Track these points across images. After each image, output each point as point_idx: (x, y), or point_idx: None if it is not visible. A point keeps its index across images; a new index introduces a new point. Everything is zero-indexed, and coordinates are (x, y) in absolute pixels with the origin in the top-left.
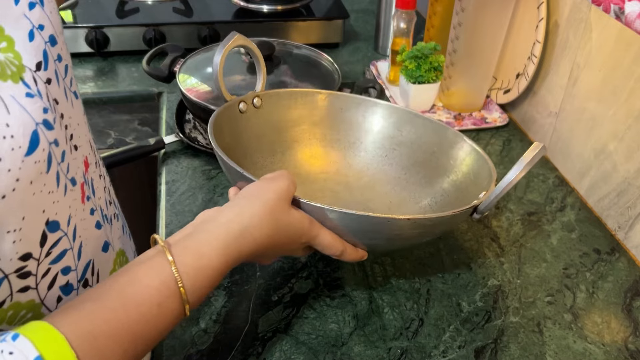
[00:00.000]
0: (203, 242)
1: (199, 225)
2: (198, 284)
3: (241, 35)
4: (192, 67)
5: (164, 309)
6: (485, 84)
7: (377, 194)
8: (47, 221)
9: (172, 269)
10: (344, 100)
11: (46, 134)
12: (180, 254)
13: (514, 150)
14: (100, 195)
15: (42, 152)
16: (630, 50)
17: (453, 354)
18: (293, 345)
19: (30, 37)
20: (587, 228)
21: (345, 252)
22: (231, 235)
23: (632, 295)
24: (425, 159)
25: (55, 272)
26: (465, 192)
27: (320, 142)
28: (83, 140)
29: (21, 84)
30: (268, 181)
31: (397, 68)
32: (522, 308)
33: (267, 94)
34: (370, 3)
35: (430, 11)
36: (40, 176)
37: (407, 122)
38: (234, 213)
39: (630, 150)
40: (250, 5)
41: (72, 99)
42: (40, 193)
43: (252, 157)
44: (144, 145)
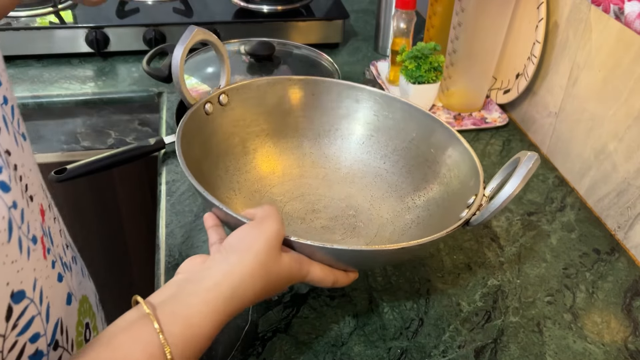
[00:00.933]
0: (192, 308)
1: (185, 285)
2: (187, 354)
3: (201, 29)
4: (192, 67)
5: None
6: (485, 84)
7: (357, 188)
8: (11, 293)
9: (160, 340)
10: (315, 84)
11: (4, 198)
12: (167, 322)
13: (513, 150)
14: (57, 242)
15: (2, 220)
16: (630, 50)
17: (453, 354)
18: (293, 345)
19: None
20: (586, 228)
21: (338, 282)
22: (221, 299)
23: (632, 295)
24: (405, 146)
25: (23, 342)
26: (451, 187)
27: (293, 132)
28: (36, 186)
29: None
30: (257, 227)
31: (397, 68)
32: (522, 308)
33: (234, 89)
34: (370, 3)
35: (430, 11)
36: (2, 247)
37: (383, 106)
38: (222, 273)
39: (630, 150)
40: (250, 5)
41: (22, 142)
42: (3, 265)
43: (224, 163)
44: (144, 145)
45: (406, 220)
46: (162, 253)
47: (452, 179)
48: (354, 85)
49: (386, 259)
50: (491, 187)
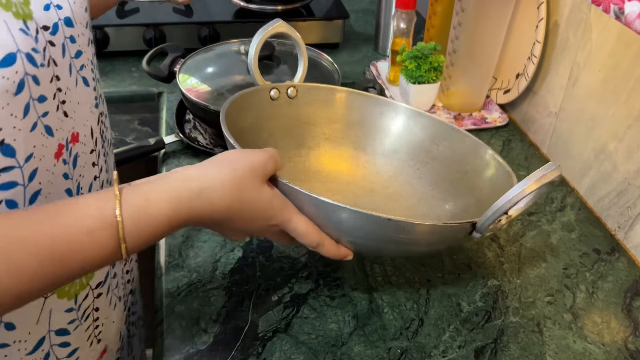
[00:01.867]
0: (156, 189)
1: (161, 174)
2: (140, 225)
3: (284, 22)
4: (192, 67)
5: (95, 239)
6: (485, 84)
7: (399, 207)
8: (1, 141)
9: (115, 203)
10: (385, 105)
11: (25, 64)
12: (129, 192)
13: (513, 150)
14: (84, 174)
15: (15, 74)
16: (630, 50)
17: (453, 354)
18: (293, 345)
19: (45, 7)
20: (587, 228)
21: (323, 245)
22: (186, 191)
23: (632, 295)
24: (457, 177)
25: (0, 199)
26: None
27: (352, 144)
28: (79, 118)
29: (21, 22)
30: (247, 152)
31: (397, 68)
32: (522, 308)
33: (305, 86)
34: (370, 3)
35: (430, 11)
36: (6, 94)
37: (445, 136)
38: (198, 172)
39: (630, 150)
40: (250, 5)
41: (78, 80)
42: (2, 109)
43: (274, 144)
44: (144, 145)
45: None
46: (162, 253)
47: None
48: (421, 112)
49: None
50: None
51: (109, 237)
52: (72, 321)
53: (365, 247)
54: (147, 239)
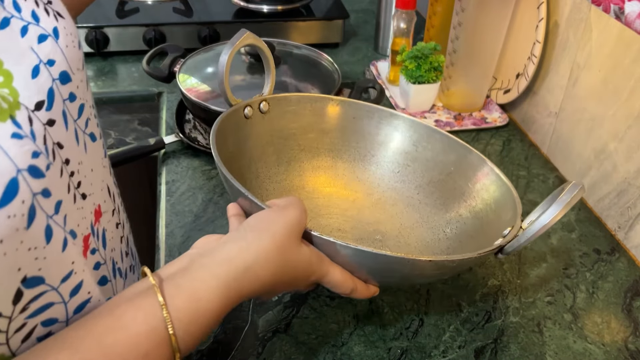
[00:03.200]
0: (200, 282)
1: (197, 259)
2: (192, 330)
3: (251, 34)
4: (192, 67)
5: (152, 359)
6: (485, 84)
7: (387, 215)
8: (23, 278)
9: (162, 313)
10: (357, 108)
11: (30, 184)
12: (173, 295)
13: (514, 150)
14: (114, 247)
15: (21, 205)
16: (630, 50)
17: (453, 354)
18: (293, 345)
19: (34, 74)
20: (587, 228)
21: (356, 291)
22: (232, 274)
23: (632, 295)
24: (441, 179)
25: (34, 325)
26: (486, 220)
27: (328, 152)
28: (96, 187)
29: (10, 123)
30: (278, 211)
31: (397, 68)
32: (522, 308)
33: (275, 98)
34: (370, 3)
35: (430, 11)
36: (16, 233)
37: (424, 137)
38: (238, 248)
39: (631, 150)
40: (250, 5)
41: (87, 141)
42: (16, 252)
43: (255, 167)
44: (144, 145)
45: (436, 250)
46: (162, 253)
47: (489, 213)
48: (396, 113)
49: (408, 271)
50: (529, 220)
51: (164, 351)
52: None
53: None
54: (199, 338)
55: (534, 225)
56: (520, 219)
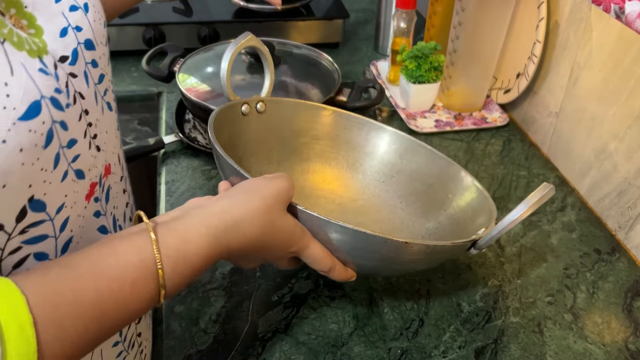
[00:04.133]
0: (192, 227)
1: (189, 210)
2: (179, 269)
3: (254, 36)
4: (191, 67)
5: (138, 289)
6: (486, 84)
7: (370, 220)
8: (31, 198)
9: (153, 249)
10: (348, 119)
11: (51, 111)
12: (165, 235)
13: (514, 150)
14: (116, 205)
15: (42, 125)
16: (630, 50)
17: (453, 354)
18: (293, 346)
19: (62, 34)
20: (587, 228)
21: (334, 270)
22: (222, 226)
23: (633, 295)
24: (423, 190)
25: (27, 252)
26: (462, 227)
27: (318, 157)
28: (109, 148)
29: (37, 60)
30: (269, 179)
31: (397, 68)
32: (522, 308)
33: (272, 101)
34: (370, 3)
35: (430, 11)
36: (35, 148)
37: (409, 151)
38: (229, 204)
39: (631, 150)
40: (250, 5)
41: (104, 107)
42: (32, 166)
43: (247, 162)
44: (144, 145)
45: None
46: None
47: (466, 220)
48: (385, 127)
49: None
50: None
51: (150, 285)
52: (119, 354)
53: (372, 268)
54: (185, 281)
55: (503, 221)
56: (494, 222)
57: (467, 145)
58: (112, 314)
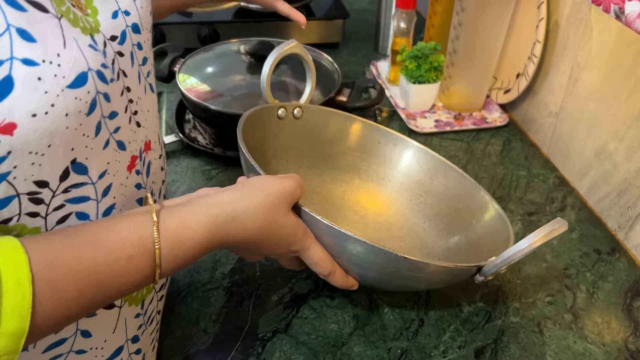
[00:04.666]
0: (192, 214)
1: (195, 198)
2: (175, 252)
3: (299, 44)
4: (192, 67)
5: (133, 264)
6: (486, 84)
7: (390, 236)
8: (73, 160)
9: (152, 229)
10: (384, 134)
11: (96, 82)
12: (166, 218)
13: (514, 150)
14: (155, 180)
15: (87, 94)
16: (630, 50)
17: (453, 354)
18: (293, 345)
19: (113, 16)
20: (587, 228)
21: (334, 275)
22: (222, 217)
23: (632, 295)
24: (449, 213)
25: (70, 211)
26: (479, 254)
27: (349, 168)
28: (150, 125)
29: (89, 37)
30: (276, 178)
31: (397, 68)
32: (522, 308)
33: (309, 108)
34: (370, 3)
35: (430, 11)
36: (79, 115)
37: (440, 172)
38: (232, 197)
39: (631, 150)
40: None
41: (146, 86)
42: (75, 131)
43: (277, 164)
44: None
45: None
46: None
47: (483, 247)
48: (420, 146)
49: (385, 265)
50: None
51: (146, 263)
52: (140, 326)
53: (373, 280)
54: (180, 264)
55: (511, 249)
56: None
57: (467, 146)
58: (106, 284)
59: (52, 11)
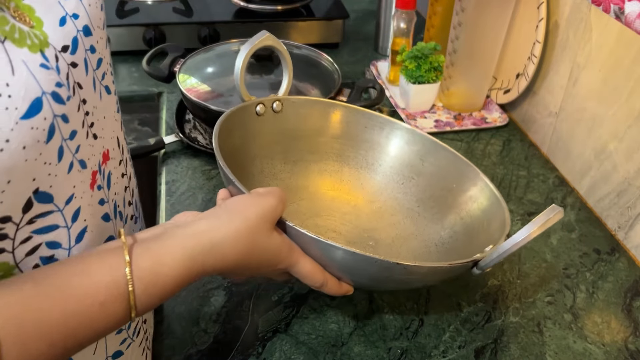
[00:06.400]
0: (167, 248)
1: (170, 229)
2: (150, 290)
3: (271, 35)
4: (192, 67)
5: (107, 310)
6: (485, 84)
7: (385, 224)
8: (35, 190)
9: (125, 270)
10: (370, 118)
11: (52, 106)
12: (139, 255)
13: (514, 150)
14: (117, 191)
15: (43, 121)
16: (630, 50)
17: (453, 354)
18: (293, 345)
19: (61, 23)
20: (587, 228)
21: (326, 285)
22: (199, 248)
23: (632, 295)
24: (442, 195)
25: (39, 242)
26: (476, 238)
27: (336, 157)
28: (107, 133)
29: (39, 55)
30: (256, 196)
31: (397, 68)
32: (522, 308)
33: (289, 100)
34: (370, 3)
35: (430, 11)
36: (37, 144)
37: (431, 152)
38: (209, 225)
39: (631, 150)
40: (250, 5)
41: (102, 91)
42: (35, 161)
43: (260, 164)
44: (144, 145)
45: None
46: None
47: (480, 232)
48: (407, 127)
49: (376, 272)
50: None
51: (120, 306)
52: (123, 341)
53: (366, 285)
54: (156, 302)
55: (507, 242)
56: (505, 238)
57: (467, 146)
58: (78, 332)
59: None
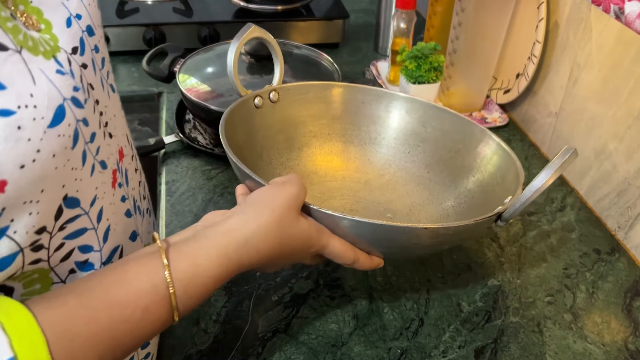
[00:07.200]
0: (202, 249)
1: (201, 230)
2: (191, 291)
3: (257, 27)
4: (192, 67)
5: (150, 314)
6: (485, 84)
7: (398, 194)
8: (65, 196)
9: (165, 273)
10: (366, 93)
11: (74, 111)
12: (176, 258)
13: (514, 150)
14: (134, 186)
15: (68, 127)
16: (630, 50)
17: (453, 354)
18: (293, 345)
19: (67, 24)
20: (587, 228)
21: (358, 261)
22: (233, 245)
23: (632, 295)
24: (450, 157)
25: (71, 247)
26: (492, 193)
27: (340, 137)
28: (119, 131)
29: (53, 61)
30: (277, 187)
31: (397, 68)
32: (522, 308)
33: (285, 88)
34: (370, 3)
35: (430, 11)
36: (65, 151)
37: (432, 117)
38: (239, 221)
39: (631, 150)
40: (250, 5)
41: (109, 90)
42: (63, 168)
43: (268, 155)
44: (144, 145)
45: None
46: None
47: (495, 186)
48: (404, 96)
49: (406, 240)
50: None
51: (163, 309)
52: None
53: (396, 254)
54: (197, 301)
55: (527, 190)
56: (522, 188)
57: None
58: (124, 339)
59: (11, 46)
